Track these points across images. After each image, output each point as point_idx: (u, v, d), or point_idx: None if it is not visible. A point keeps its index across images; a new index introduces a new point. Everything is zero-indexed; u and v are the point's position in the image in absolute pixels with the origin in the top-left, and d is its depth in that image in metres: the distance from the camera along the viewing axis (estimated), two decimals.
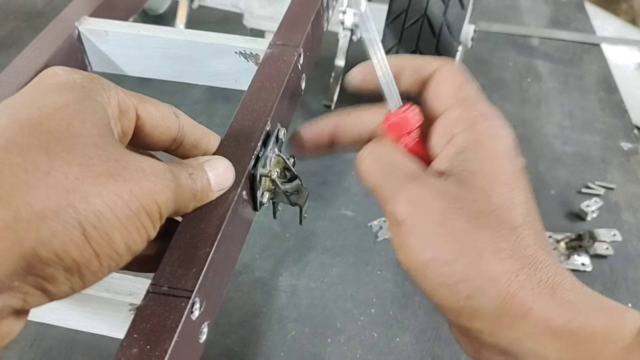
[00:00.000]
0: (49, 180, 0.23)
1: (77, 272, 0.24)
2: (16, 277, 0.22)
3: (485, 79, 1.26)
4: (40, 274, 0.22)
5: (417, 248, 0.30)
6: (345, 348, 0.76)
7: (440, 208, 0.29)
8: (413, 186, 0.31)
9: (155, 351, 0.27)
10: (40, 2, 1.48)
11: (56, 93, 0.27)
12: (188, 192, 0.30)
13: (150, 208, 0.26)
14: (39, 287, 0.23)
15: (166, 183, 0.27)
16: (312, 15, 0.52)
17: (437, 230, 0.29)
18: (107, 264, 0.25)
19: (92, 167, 0.24)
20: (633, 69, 1.47)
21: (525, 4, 1.55)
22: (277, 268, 0.86)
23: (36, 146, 0.23)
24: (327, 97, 1.05)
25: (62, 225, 0.22)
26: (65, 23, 0.49)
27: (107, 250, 0.24)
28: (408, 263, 0.30)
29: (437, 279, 0.29)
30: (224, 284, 0.35)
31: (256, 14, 1.04)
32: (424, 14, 0.96)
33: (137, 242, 0.26)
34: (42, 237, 0.22)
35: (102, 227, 0.24)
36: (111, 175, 0.24)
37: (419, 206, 0.30)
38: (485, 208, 0.30)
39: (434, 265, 0.29)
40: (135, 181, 0.25)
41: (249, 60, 0.48)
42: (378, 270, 0.85)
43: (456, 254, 0.29)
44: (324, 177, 1.00)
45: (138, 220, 0.25)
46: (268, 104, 0.41)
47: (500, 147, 0.32)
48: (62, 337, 0.75)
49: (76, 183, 0.23)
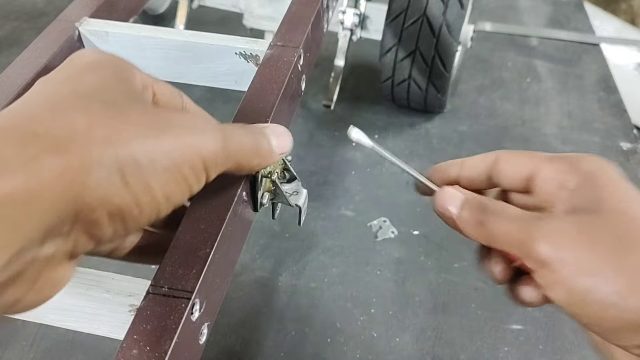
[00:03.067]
0: (92, 134, 0.24)
1: (119, 218, 0.25)
2: (67, 222, 0.24)
3: (484, 79, 1.26)
4: (87, 219, 0.24)
5: (573, 277, 0.29)
6: (345, 348, 0.76)
7: (582, 233, 0.30)
8: (546, 222, 0.31)
9: (155, 352, 0.27)
10: (41, 2, 1.48)
11: (90, 72, 0.28)
12: (247, 149, 0.31)
13: (192, 161, 0.27)
14: (86, 232, 0.25)
15: (211, 139, 0.28)
16: (312, 16, 0.52)
17: (588, 254, 0.29)
18: (147, 211, 0.26)
19: (131, 121, 0.26)
20: (632, 69, 1.47)
21: (525, 3, 1.55)
22: (277, 268, 0.86)
23: (78, 107, 0.25)
24: (327, 97, 1.05)
25: (105, 173, 0.24)
26: (65, 24, 0.49)
27: (146, 198, 0.26)
28: (566, 296, 0.30)
29: (602, 300, 0.29)
30: (224, 284, 0.35)
31: (256, 13, 1.04)
32: (424, 13, 0.96)
33: (177, 193, 0.27)
34: (88, 185, 0.23)
35: (141, 175, 0.25)
36: (152, 129, 0.26)
37: (560, 237, 0.30)
38: (625, 222, 0.30)
39: (596, 289, 0.29)
40: (175, 135, 0.27)
41: (249, 61, 0.48)
42: (378, 270, 0.86)
43: (615, 271, 0.28)
44: (323, 177, 1.00)
45: (178, 172, 0.27)
46: (268, 105, 0.41)
47: (611, 172, 0.32)
48: (61, 338, 0.75)
49: (117, 136, 0.25)
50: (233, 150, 0.30)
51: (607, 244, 0.29)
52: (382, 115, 1.15)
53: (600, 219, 0.30)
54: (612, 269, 0.29)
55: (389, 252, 0.88)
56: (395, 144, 1.08)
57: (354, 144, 0.40)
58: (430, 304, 0.82)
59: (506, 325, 0.79)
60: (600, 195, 0.31)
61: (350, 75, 1.25)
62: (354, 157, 1.05)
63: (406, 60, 1.02)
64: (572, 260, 0.29)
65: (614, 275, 0.28)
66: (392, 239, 0.90)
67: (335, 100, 1.05)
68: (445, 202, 0.36)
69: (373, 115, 1.15)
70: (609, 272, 0.29)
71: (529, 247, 0.31)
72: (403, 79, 1.05)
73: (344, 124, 1.12)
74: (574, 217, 0.31)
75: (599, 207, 0.31)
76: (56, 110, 0.25)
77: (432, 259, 0.87)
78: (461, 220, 0.35)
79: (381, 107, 1.17)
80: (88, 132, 0.24)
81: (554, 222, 0.31)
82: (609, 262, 0.29)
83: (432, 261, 0.87)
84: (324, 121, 1.13)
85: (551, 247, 0.30)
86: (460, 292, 0.83)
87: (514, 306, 0.82)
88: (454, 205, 0.36)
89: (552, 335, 0.78)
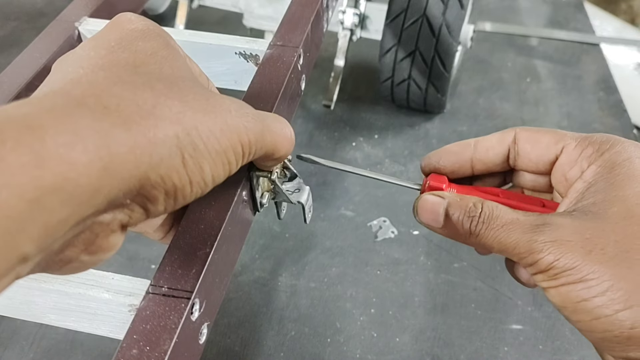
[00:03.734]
0: (157, 112, 0.25)
1: (173, 195, 0.26)
2: (129, 196, 0.25)
3: (484, 79, 1.26)
4: (147, 194, 0.25)
5: (568, 283, 0.29)
6: (344, 348, 0.76)
7: (581, 239, 0.29)
8: (543, 232, 0.30)
9: (155, 352, 0.27)
10: (41, 2, 1.48)
11: (142, 40, 0.29)
12: (278, 135, 0.32)
13: (235, 146, 0.28)
14: (143, 205, 0.26)
15: (253, 125, 0.29)
16: (311, 16, 0.52)
17: (585, 261, 0.29)
18: (195, 190, 0.27)
19: (189, 103, 0.27)
20: (632, 69, 1.47)
21: (524, 4, 1.55)
22: (276, 268, 0.86)
23: (142, 84, 0.26)
24: (327, 97, 1.05)
25: (168, 152, 0.25)
26: (65, 23, 0.50)
27: (198, 178, 0.27)
28: (561, 300, 0.30)
29: (594, 310, 0.28)
30: (223, 284, 0.35)
31: (256, 13, 1.04)
32: (423, 14, 0.96)
33: (221, 175, 0.28)
34: (153, 162, 0.24)
35: (197, 157, 0.26)
36: (206, 112, 0.27)
37: (558, 246, 0.30)
38: (630, 229, 0.29)
39: (589, 297, 0.29)
40: (224, 120, 0.28)
41: (248, 60, 0.48)
42: (377, 270, 0.86)
43: (610, 283, 0.28)
44: (323, 177, 1.00)
45: (225, 156, 0.28)
46: (268, 105, 0.41)
47: (635, 168, 0.31)
48: (61, 338, 0.75)
49: (178, 116, 0.26)
50: (267, 141, 0.31)
51: (608, 257, 0.28)
52: (382, 115, 1.15)
53: (605, 227, 0.29)
54: (609, 281, 0.28)
55: (388, 252, 0.88)
56: (394, 144, 1.08)
57: (354, 143, 0.40)
58: (430, 304, 0.82)
59: (505, 325, 0.79)
60: (613, 196, 0.30)
61: (350, 76, 1.25)
62: (353, 157, 1.05)
63: (406, 60, 1.02)
64: (569, 270, 0.29)
65: (610, 288, 0.28)
66: (391, 239, 0.90)
67: (335, 100, 1.05)
68: (426, 214, 0.35)
69: (372, 115, 1.15)
70: (606, 284, 0.28)
71: (528, 259, 0.31)
72: (403, 79, 1.05)
73: (343, 124, 1.13)
74: (576, 222, 0.30)
75: (607, 211, 0.30)
76: (123, 84, 0.26)
77: (432, 259, 0.87)
78: (448, 230, 0.34)
79: (381, 107, 1.17)
80: (153, 110, 0.25)
81: (553, 232, 0.30)
82: (606, 275, 0.28)
83: (431, 261, 0.87)
84: (323, 121, 1.13)
85: (551, 257, 0.29)
86: (460, 293, 0.83)
87: (514, 306, 0.82)
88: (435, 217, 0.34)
89: (551, 335, 0.78)
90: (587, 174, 0.32)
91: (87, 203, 0.22)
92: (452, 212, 0.33)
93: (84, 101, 0.24)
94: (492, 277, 0.85)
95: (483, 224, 0.32)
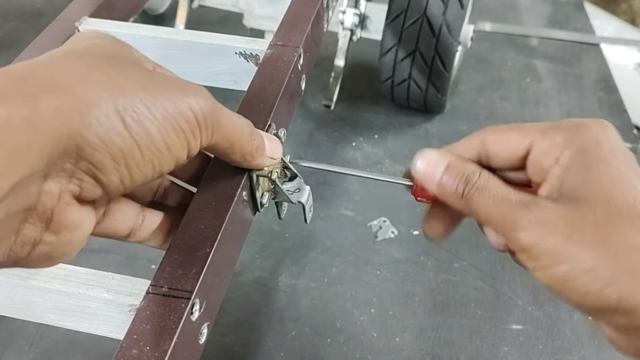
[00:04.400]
0: (92, 78, 0.26)
1: (123, 162, 0.26)
2: (68, 158, 0.25)
3: (484, 79, 1.26)
4: (90, 159, 0.25)
5: (552, 265, 0.30)
6: (345, 348, 0.76)
7: (563, 223, 0.30)
8: (531, 211, 0.31)
9: (155, 352, 0.27)
10: (40, 2, 1.48)
11: (89, 38, 0.30)
12: (238, 128, 0.32)
13: (186, 114, 0.28)
14: (90, 173, 0.26)
15: (202, 98, 0.29)
16: (312, 15, 0.52)
17: (567, 244, 0.30)
18: (149, 158, 0.27)
19: (129, 76, 0.27)
20: (632, 69, 1.47)
21: (525, 3, 1.55)
22: (276, 268, 0.86)
23: (80, 59, 0.27)
24: (327, 97, 1.05)
25: (104, 114, 0.25)
26: (65, 23, 0.49)
27: (147, 142, 0.27)
28: (548, 280, 0.31)
29: (581, 288, 0.30)
30: (223, 284, 0.35)
31: (256, 13, 1.04)
32: (424, 13, 0.96)
33: (176, 143, 0.28)
34: (87, 122, 0.25)
35: (141, 120, 0.26)
36: (147, 82, 0.28)
37: (542, 228, 0.30)
38: (607, 211, 0.30)
39: (574, 277, 0.29)
40: (169, 90, 0.28)
41: (249, 60, 0.48)
42: (378, 270, 0.86)
43: (593, 261, 0.29)
44: (323, 177, 1.00)
45: (174, 121, 0.28)
46: (268, 105, 0.41)
47: (607, 147, 0.32)
48: (61, 338, 0.75)
49: (115, 84, 0.26)
50: (224, 122, 0.31)
51: (588, 238, 0.30)
52: (382, 115, 1.15)
53: (585, 209, 0.30)
54: (592, 261, 0.29)
55: (388, 252, 0.88)
56: (394, 144, 1.08)
57: (354, 143, 0.40)
58: (430, 304, 0.81)
59: (506, 325, 0.79)
60: (589, 178, 0.31)
61: (350, 75, 1.25)
62: (353, 156, 1.05)
63: (406, 60, 1.02)
64: (553, 251, 0.30)
65: (594, 267, 0.29)
66: (391, 239, 0.90)
67: (335, 100, 1.05)
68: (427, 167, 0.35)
69: (373, 115, 1.15)
70: (589, 264, 0.29)
71: (512, 234, 0.31)
72: (403, 79, 1.05)
73: (343, 124, 1.13)
74: (559, 206, 0.31)
75: (585, 193, 0.31)
76: (56, 59, 0.27)
77: (432, 259, 0.87)
78: (442, 187, 0.34)
79: (381, 107, 1.17)
80: (87, 76, 0.26)
81: (539, 212, 0.31)
82: (588, 255, 0.29)
83: (431, 261, 0.87)
84: (323, 121, 1.13)
85: (534, 237, 0.30)
86: (460, 292, 0.83)
87: (514, 306, 0.82)
88: (434, 173, 0.35)
89: (551, 335, 0.78)
90: (562, 159, 0.33)
91: (16, 160, 0.22)
92: (451, 172, 0.34)
93: (15, 71, 0.25)
94: (493, 277, 0.85)
95: (477, 190, 0.33)
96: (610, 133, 0.33)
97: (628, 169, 0.31)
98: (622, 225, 0.30)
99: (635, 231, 0.29)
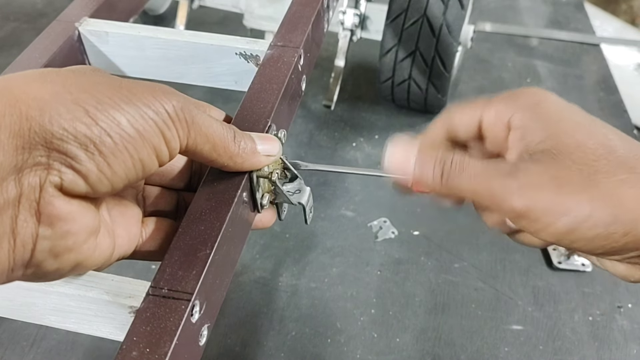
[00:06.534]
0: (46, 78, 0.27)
1: (95, 150, 0.26)
2: (37, 152, 0.25)
3: (484, 79, 1.26)
4: (60, 149, 0.26)
5: (554, 221, 0.31)
6: (345, 348, 0.76)
7: (549, 179, 0.31)
8: (515, 177, 0.32)
9: (155, 354, 0.27)
10: (40, 3, 1.48)
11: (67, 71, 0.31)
12: (218, 129, 0.31)
13: (154, 105, 0.28)
14: (66, 164, 0.26)
15: (172, 95, 0.29)
16: (312, 16, 0.52)
17: (560, 197, 0.30)
18: (122, 145, 0.27)
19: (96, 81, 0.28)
20: (632, 69, 1.47)
21: (525, 4, 1.55)
22: (277, 268, 0.86)
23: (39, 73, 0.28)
24: (327, 98, 1.05)
25: (64, 106, 0.26)
26: (65, 24, 0.49)
27: (115, 129, 0.27)
28: (555, 237, 0.31)
29: (587, 234, 0.30)
30: (224, 286, 0.34)
31: (256, 14, 1.04)
32: (424, 14, 0.96)
33: (149, 131, 0.28)
34: (48, 116, 0.25)
35: (104, 109, 0.27)
36: (114, 82, 0.28)
37: (531, 189, 0.31)
38: (584, 156, 0.31)
39: (577, 226, 0.30)
40: (139, 88, 0.28)
41: (249, 61, 0.48)
42: (378, 271, 0.86)
43: (590, 206, 0.30)
44: (323, 177, 1.00)
45: (143, 112, 0.28)
46: (268, 105, 0.41)
47: (551, 103, 0.33)
48: (61, 339, 0.75)
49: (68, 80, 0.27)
50: (199, 120, 0.30)
51: (578, 184, 0.30)
52: (382, 115, 1.15)
53: (563, 160, 0.31)
54: (589, 205, 0.30)
55: (389, 252, 0.88)
56: None
57: (354, 143, 0.40)
58: (431, 304, 0.81)
59: (506, 325, 0.79)
60: (551, 131, 0.32)
61: (350, 76, 1.25)
62: (354, 157, 1.05)
63: (406, 60, 1.02)
64: (549, 208, 0.31)
65: (593, 211, 0.30)
66: (392, 239, 0.90)
67: (335, 100, 1.05)
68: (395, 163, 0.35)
69: (373, 115, 1.15)
70: (587, 209, 0.30)
71: (505, 204, 0.32)
72: (403, 79, 1.05)
73: (344, 124, 1.13)
74: (538, 164, 0.31)
75: (557, 146, 0.31)
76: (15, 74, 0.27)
77: (432, 259, 0.87)
78: (419, 179, 0.34)
79: (381, 107, 1.17)
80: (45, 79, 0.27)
81: (523, 176, 0.31)
82: (584, 201, 0.30)
83: (432, 261, 0.87)
84: (324, 121, 1.13)
85: (527, 200, 0.31)
86: (460, 293, 0.83)
87: (514, 306, 0.82)
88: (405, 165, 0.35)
89: (552, 335, 0.78)
90: (514, 122, 0.33)
91: None
92: (422, 162, 0.34)
93: None
94: (493, 277, 0.85)
95: (455, 172, 0.33)
96: (548, 93, 0.34)
97: (579, 115, 0.33)
98: (603, 165, 0.31)
99: (616, 167, 0.30)
